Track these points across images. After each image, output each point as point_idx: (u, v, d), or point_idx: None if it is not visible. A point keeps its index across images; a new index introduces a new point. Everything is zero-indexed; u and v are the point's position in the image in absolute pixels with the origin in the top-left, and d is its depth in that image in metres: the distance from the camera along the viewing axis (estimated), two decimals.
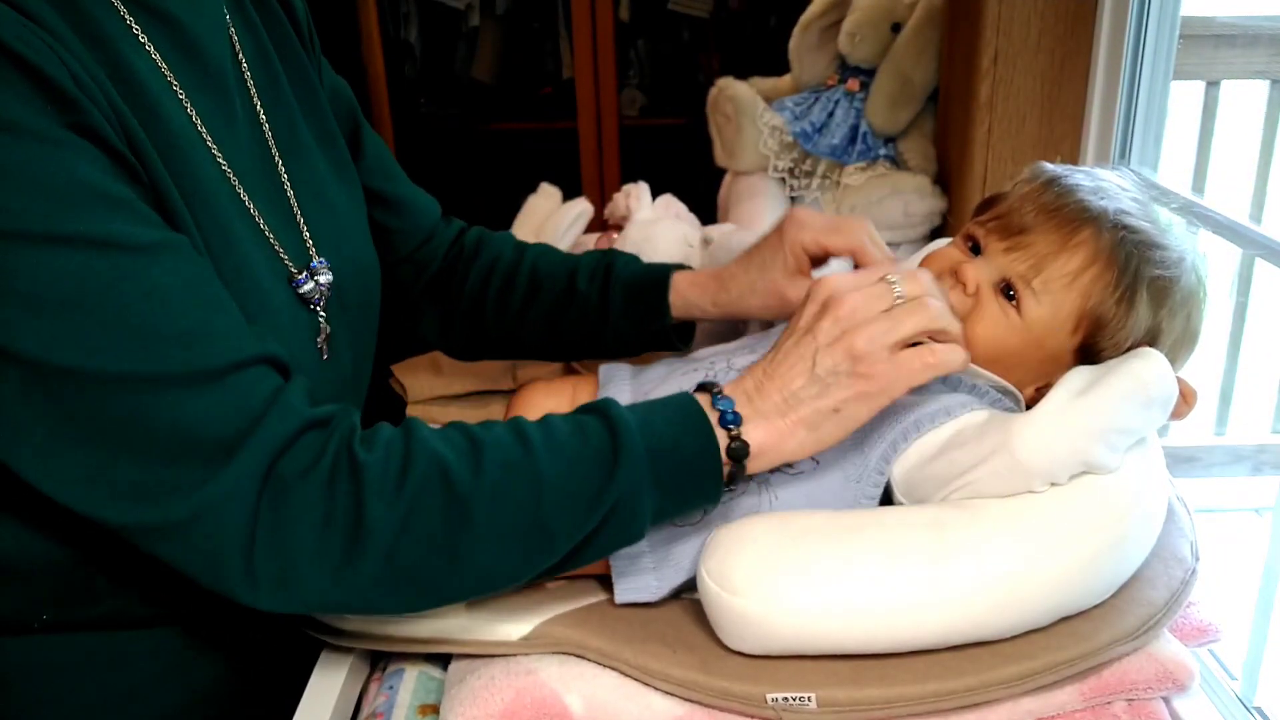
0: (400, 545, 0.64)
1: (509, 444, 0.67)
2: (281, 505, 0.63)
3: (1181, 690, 0.73)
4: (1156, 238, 0.79)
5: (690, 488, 0.70)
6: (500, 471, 0.66)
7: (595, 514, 0.67)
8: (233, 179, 0.74)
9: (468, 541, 0.65)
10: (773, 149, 1.48)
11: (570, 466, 0.67)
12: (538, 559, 0.68)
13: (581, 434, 0.68)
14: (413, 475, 0.65)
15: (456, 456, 0.66)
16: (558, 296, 0.99)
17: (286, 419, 0.64)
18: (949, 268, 0.82)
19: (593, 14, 2.79)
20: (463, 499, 0.65)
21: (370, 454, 0.65)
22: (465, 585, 0.68)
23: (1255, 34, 2.03)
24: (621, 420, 0.68)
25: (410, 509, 0.64)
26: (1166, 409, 0.74)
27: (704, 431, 0.70)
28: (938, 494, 0.76)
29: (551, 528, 0.66)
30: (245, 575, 0.63)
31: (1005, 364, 0.80)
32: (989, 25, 1.24)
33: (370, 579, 0.64)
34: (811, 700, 0.69)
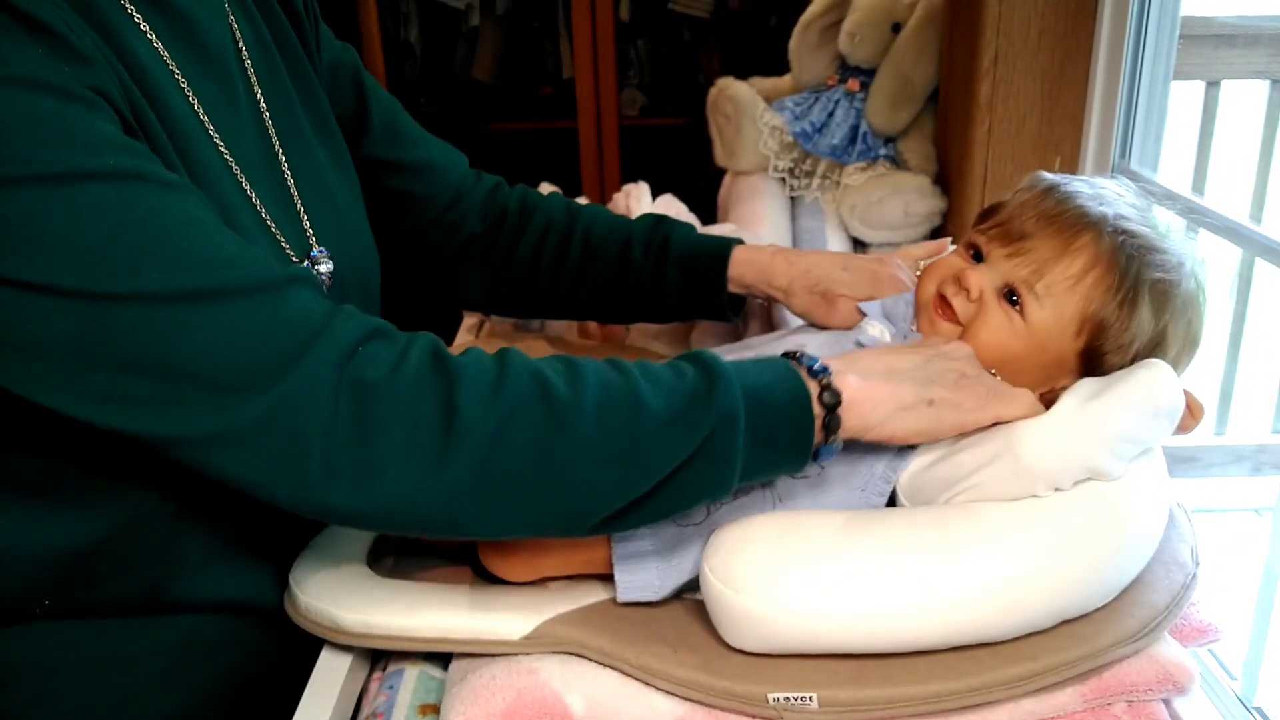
0: (496, 450, 0.62)
1: (606, 370, 0.66)
2: (365, 405, 0.61)
3: (1181, 692, 0.73)
4: (1156, 242, 0.79)
5: (784, 435, 0.68)
6: (600, 390, 0.64)
7: (690, 441, 0.65)
8: (235, 167, 0.74)
9: (564, 456, 0.63)
10: (773, 149, 1.48)
11: (668, 393, 0.66)
12: (631, 483, 0.65)
13: (678, 371, 0.68)
14: (510, 382, 0.63)
15: (555, 373, 0.65)
16: (611, 267, 0.99)
17: (353, 323, 0.63)
18: (952, 275, 0.83)
19: (593, 14, 2.79)
20: (561, 410, 0.63)
21: (464, 359, 0.64)
22: (556, 505, 0.65)
23: (1255, 34, 2.03)
24: (716, 362, 0.68)
25: (508, 414, 0.62)
26: (1173, 420, 0.74)
27: (795, 380, 0.69)
28: (941, 497, 0.76)
29: (648, 450, 0.64)
30: (325, 476, 0.61)
31: (1010, 369, 0.80)
32: (989, 25, 1.24)
33: (460, 485, 0.62)
34: (813, 700, 0.69)
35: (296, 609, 0.80)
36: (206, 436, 0.61)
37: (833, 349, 0.87)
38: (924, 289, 0.85)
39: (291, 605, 0.81)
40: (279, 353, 0.61)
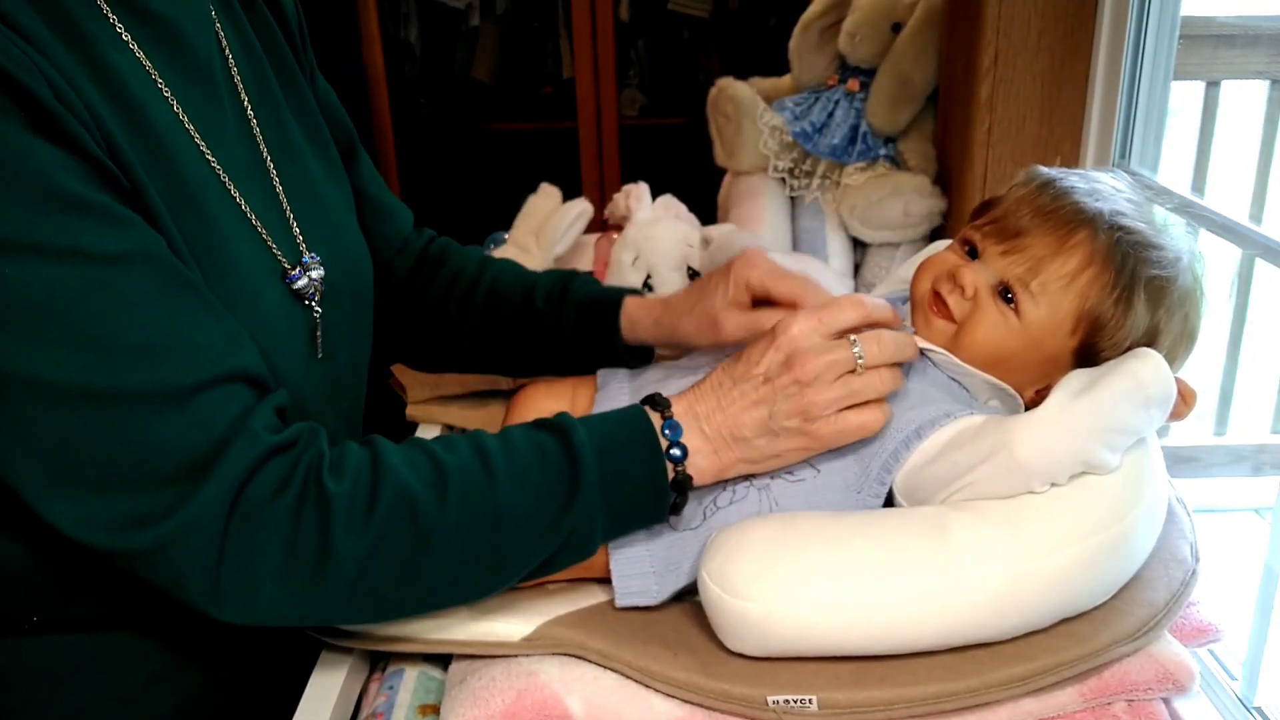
0: (365, 572, 0.66)
1: (474, 472, 0.69)
2: (249, 530, 0.64)
3: (1182, 691, 0.73)
4: (1152, 238, 0.79)
5: (638, 513, 0.75)
6: (463, 504, 0.68)
7: (550, 543, 0.71)
8: (222, 175, 0.73)
9: (429, 569, 0.68)
10: (773, 149, 1.48)
11: (530, 497, 0.70)
12: (493, 582, 0.72)
13: (542, 460, 0.71)
14: (380, 507, 0.66)
15: (424, 487, 0.68)
16: (514, 313, 1.00)
17: (252, 446, 0.64)
18: (946, 272, 0.82)
19: (593, 14, 2.79)
20: (427, 531, 0.67)
21: (339, 485, 0.66)
22: (422, 604, 0.72)
23: (1255, 34, 2.03)
24: (580, 448, 0.71)
25: (377, 540, 0.66)
26: (1165, 409, 0.74)
27: (655, 460, 0.73)
28: (938, 496, 0.76)
29: (508, 556, 0.71)
30: (211, 595, 0.64)
31: (1005, 366, 0.80)
32: (989, 25, 1.24)
33: (333, 600, 0.67)
34: (812, 702, 0.69)
35: None
36: (95, 548, 0.63)
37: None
38: (919, 286, 0.85)
39: None
40: (173, 469, 0.62)
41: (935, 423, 0.77)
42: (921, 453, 0.77)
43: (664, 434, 0.74)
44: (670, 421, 0.75)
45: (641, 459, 0.73)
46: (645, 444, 0.74)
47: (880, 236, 1.41)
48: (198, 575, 0.64)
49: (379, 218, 0.99)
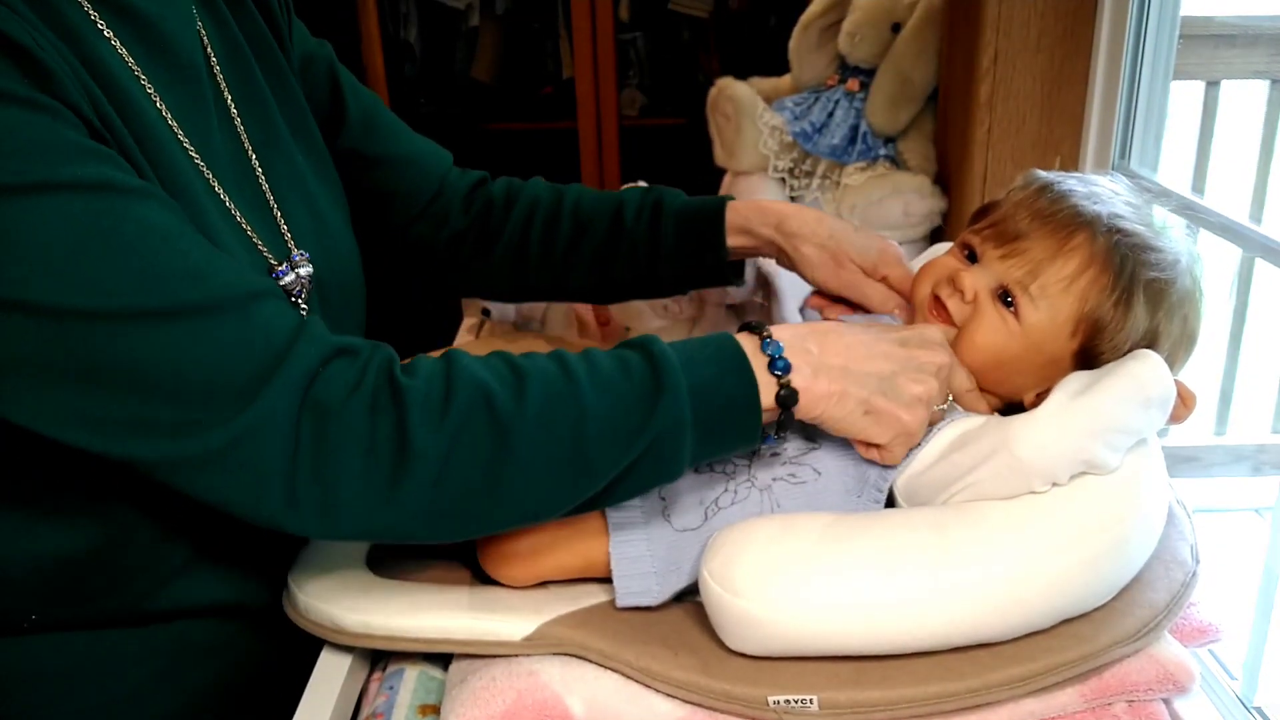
0: (446, 472, 0.64)
1: (553, 374, 0.67)
2: (324, 430, 0.62)
3: (1182, 691, 0.73)
4: (1151, 240, 0.79)
5: (731, 430, 0.70)
6: (544, 401, 0.66)
7: (635, 447, 0.67)
8: (206, 173, 0.73)
9: (512, 470, 0.65)
10: (773, 149, 1.48)
11: (613, 399, 0.67)
12: (578, 489, 0.68)
13: (625, 369, 0.68)
14: (457, 402, 0.64)
15: (500, 385, 0.66)
16: (604, 236, 0.97)
17: (316, 344, 0.64)
18: (946, 276, 0.82)
19: (593, 14, 2.79)
20: (507, 427, 0.64)
21: (413, 380, 0.65)
22: (508, 514, 0.68)
23: (1255, 34, 2.03)
24: (664, 357, 0.68)
25: (456, 435, 0.64)
26: (1165, 409, 0.74)
27: (746, 374, 0.69)
28: (939, 497, 0.76)
29: (592, 459, 0.66)
30: (287, 502, 0.63)
31: (1005, 370, 0.80)
32: (989, 25, 1.24)
33: (415, 504, 0.64)
34: (813, 702, 0.69)
35: (296, 609, 0.80)
36: (170, 460, 0.62)
37: None
38: (918, 290, 0.85)
39: (291, 606, 0.81)
40: (243, 376, 0.62)
41: (935, 426, 0.77)
42: (921, 456, 0.77)
43: (763, 351, 0.71)
44: (768, 341, 0.71)
45: (732, 368, 0.69)
46: (735, 356, 0.70)
47: None
48: (273, 479, 0.62)
49: (394, 173, 0.98)
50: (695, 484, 0.79)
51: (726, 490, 0.79)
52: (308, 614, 0.79)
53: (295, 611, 0.80)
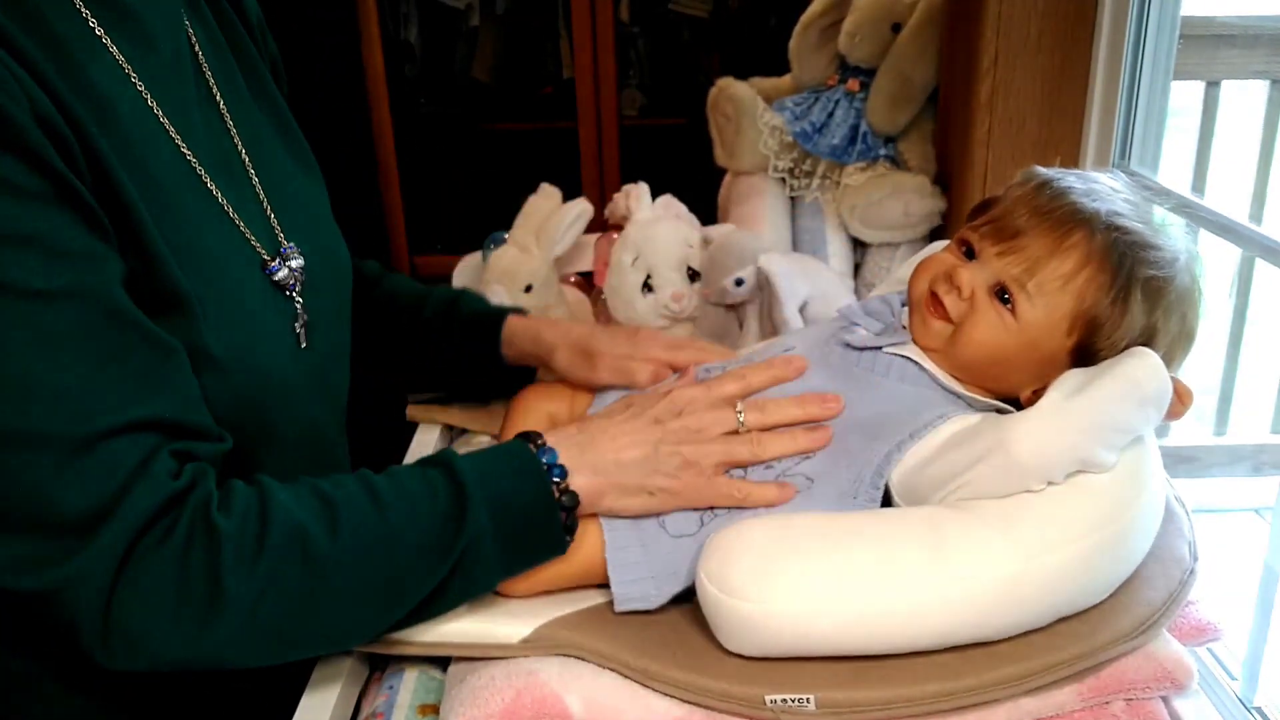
0: (258, 609, 0.65)
1: (362, 502, 0.70)
2: (138, 576, 0.63)
3: (1180, 690, 0.73)
4: (1149, 238, 0.79)
5: (533, 536, 0.75)
6: (356, 534, 0.68)
7: (443, 567, 0.70)
8: (198, 169, 0.74)
9: (327, 602, 0.68)
10: (773, 149, 1.48)
11: (421, 523, 0.70)
12: (391, 613, 0.71)
13: (428, 487, 0.72)
14: (271, 543, 0.66)
15: (313, 520, 0.68)
16: (406, 319, 1.04)
17: (151, 494, 0.64)
18: (943, 273, 0.82)
19: (593, 14, 2.79)
20: (321, 563, 0.67)
21: (227, 522, 0.65)
22: (321, 643, 0.72)
23: (1255, 34, 2.03)
24: (464, 473, 0.72)
25: (269, 577, 0.65)
26: (1161, 407, 0.74)
27: (539, 480, 0.75)
28: (935, 496, 0.76)
29: (404, 582, 0.70)
30: (101, 641, 0.64)
31: (1002, 367, 0.80)
32: (989, 25, 1.23)
33: (228, 641, 0.66)
34: (811, 702, 0.69)
35: None
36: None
37: (821, 350, 0.87)
38: (916, 287, 0.85)
39: None
40: (68, 526, 0.61)
41: (930, 425, 0.77)
42: (917, 454, 0.77)
43: (540, 459, 0.76)
44: (544, 448, 0.77)
45: (527, 481, 0.75)
46: (527, 467, 0.75)
47: (880, 236, 1.41)
48: (87, 621, 0.63)
49: None
50: None
51: None
52: None
53: None
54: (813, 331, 0.92)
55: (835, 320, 0.91)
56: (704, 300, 1.29)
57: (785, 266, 1.20)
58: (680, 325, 1.31)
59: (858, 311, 0.90)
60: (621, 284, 1.29)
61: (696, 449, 0.79)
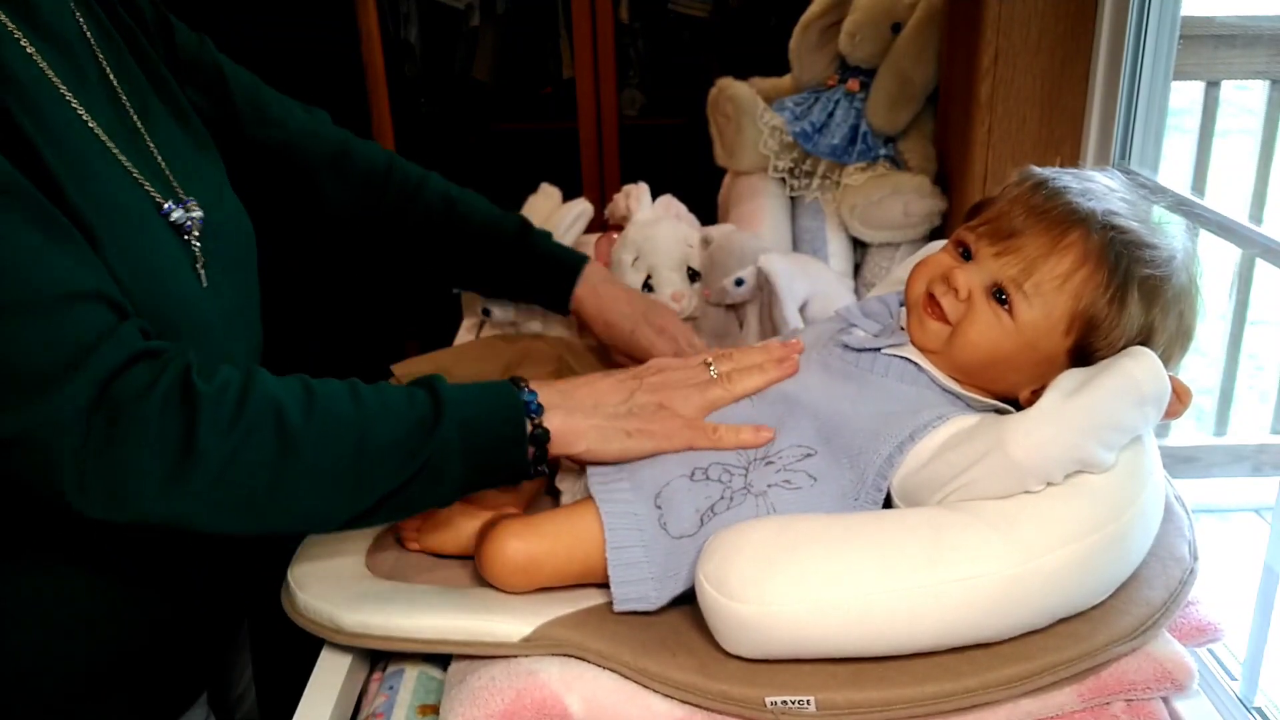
0: (227, 473, 0.68)
1: (342, 397, 0.74)
2: (114, 426, 0.66)
3: (1180, 690, 0.73)
4: (1146, 237, 0.79)
5: (498, 462, 0.79)
6: (329, 417, 0.72)
7: (408, 468, 0.74)
8: (90, 123, 0.76)
9: (292, 476, 0.71)
10: (773, 149, 1.48)
11: (394, 423, 0.74)
12: (351, 502, 0.74)
13: (409, 400, 0.76)
14: (248, 410, 0.70)
15: (291, 401, 0.72)
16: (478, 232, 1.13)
17: (119, 349, 0.67)
18: (940, 274, 0.82)
19: (593, 14, 2.79)
20: (292, 438, 0.70)
21: (207, 385, 0.69)
22: (284, 517, 0.73)
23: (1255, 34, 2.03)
24: (445, 395, 0.77)
25: (241, 441, 0.69)
26: (1160, 406, 0.74)
27: (513, 414, 0.79)
28: (934, 497, 0.76)
29: (369, 474, 0.73)
30: (77, 487, 0.66)
31: (1000, 368, 0.80)
32: (989, 25, 1.23)
33: (197, 499, 0.68)
34: (810, 703, 0.69)
35: (296, 609, 0.80)
36: None
37: (820, 351, 0.87)
38: (913, 288, 0.85)
39: (291, 605, 0.81)
40: (42, 370, 0.65)
41: (929, 425, 0.77)
42: (916, 455, 0.77)
43: (521, 399, 0.80)
44: (525, 390, 0.81)
45: (502, 411, 0.79)
46: (506, 400, 0.80)
47: (880, 236, 1.41)
48: (64, 466, 0.65)
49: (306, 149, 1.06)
50: (691, 492, 0.79)
51: (722, 497, 0.79)
52: (307, 613, 0.79)
53: (295, 610, 0.80)
54: (811, 332, 0.92)
55: (833, 321, 0.91)
56: (704, 300, 1.29)
57: (785, 266, 1.20)
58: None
59: (856, 312, 0.90)
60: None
61: (672, 394, 0.85)
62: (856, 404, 0.82)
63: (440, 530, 0.85)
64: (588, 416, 0.81)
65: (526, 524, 0.80)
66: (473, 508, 0.86)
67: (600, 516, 0.78)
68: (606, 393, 0.84)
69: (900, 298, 0.89)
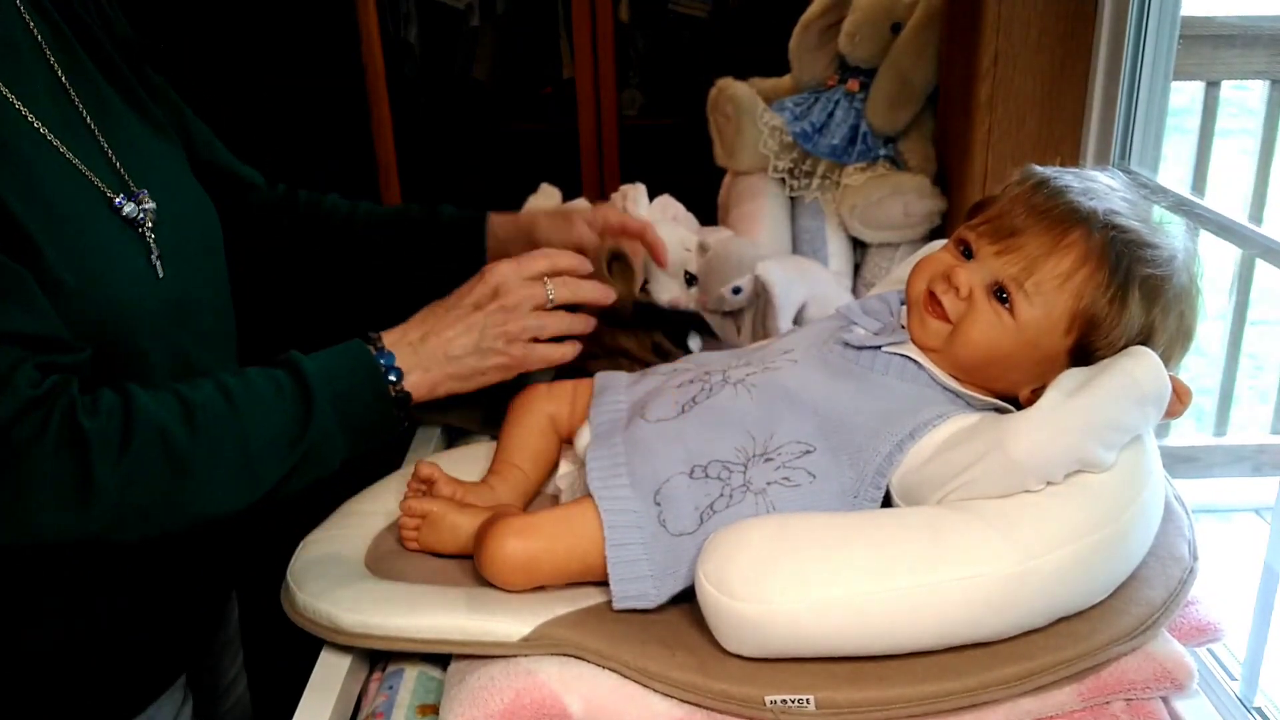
0: (127, 496, 0.72)
1: (217, 402, 0.77)
2: (16, 470, 0.69)
3: (1180, 690, 0.73)
4: (1147, 236, 0.79)
5: (372, 427, 0.84)
6: (211, 431, 0.76)
7: (293, 456, 0.79)
8: (36, 124, 0.77)
9: (189, 490, 0.75)
10: (773, 149, 1.48)
11: (272, 420, 0.78)
12: (250, 493, 0.78)
13: (277, 389, 0.80)
14: (134, 438, 0.72)
15: (173, 420, 0.75)
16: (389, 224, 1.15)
17: (11, 400, 0.69)
18: (941, 272, 0.82)
19: (593, 14, 2.79)
20: (180, 457, 0.74)
21: (93, 421, 0.71)
22: (190, 518, 0.77)
23: (1255, 34, 2.03)
24: (310, 375, 0.81)
25: (133, 469, 0.72)
26: (1160, 406, 0.74)
27: (377, 379, 0.84)
28: (934, 496, 0.76)
29: (259, 472, 0.78)
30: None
31: (1000, 366, 0.80)
32: (989, 25, 1.23)
33: (106, 522, 0.72)
34: (810, 702, 0.69)
35: (295, 608, 0.80)
36: None
37: (820, 349, 0.87)
38: (914, 286, 0.85)
39: (290, 605, 0.81)
40: None
41: (929, 424, 0.77)
42: (916, 454, 0.77)
43: (380, 362, 0.84)
44: (382, 351, 0.85)
45: (366, 381, 0.84)
46: (366, 367, 0.84)
47: (880, 236, 1.41)
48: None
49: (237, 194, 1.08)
50: (690, 490, 0.79)
51: (722, 495, 0.79)
52: (306, 613, 0.79)
53: (294, 610, 0.80)
54: (812, 331, 0.92)
55: (834, 319, 0.91)
56: (701, 307, 1.29)
57: (782, 275, 1.20)
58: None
59: (856, 310, 0.90)
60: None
61: (514, 325, 0.89)
62: (857, 401, 0.82)
63: (440, 530, 0.85)
64: (443, 368, 0.87)
65: (526, 522, 0.80)
66: (472, 507, 0.86)
67: (599, 514, 0.78)
68: (456, 339, 0.88)
69: (901, 296, 0.89)
